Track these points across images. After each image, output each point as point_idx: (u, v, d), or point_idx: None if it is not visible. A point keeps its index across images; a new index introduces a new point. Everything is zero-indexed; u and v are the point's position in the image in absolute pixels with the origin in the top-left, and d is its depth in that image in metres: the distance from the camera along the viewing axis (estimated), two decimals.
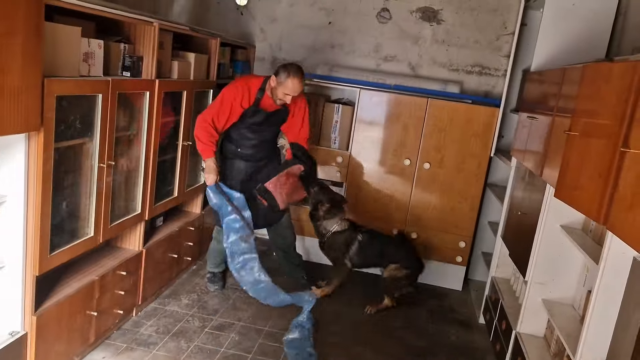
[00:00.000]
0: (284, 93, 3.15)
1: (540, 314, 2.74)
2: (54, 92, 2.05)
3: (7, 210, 2.09)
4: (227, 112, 3.16)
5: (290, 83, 3.13)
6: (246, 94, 3.19)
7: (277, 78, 3.15)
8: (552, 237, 2.65)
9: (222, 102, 3.16)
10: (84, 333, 2.57)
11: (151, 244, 3.14)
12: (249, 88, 3.21)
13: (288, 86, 3.14)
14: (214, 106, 3.18)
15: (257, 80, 3.27)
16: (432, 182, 4.05)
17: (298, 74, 3.15)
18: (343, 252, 3.57)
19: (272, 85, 3.19)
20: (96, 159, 2.46)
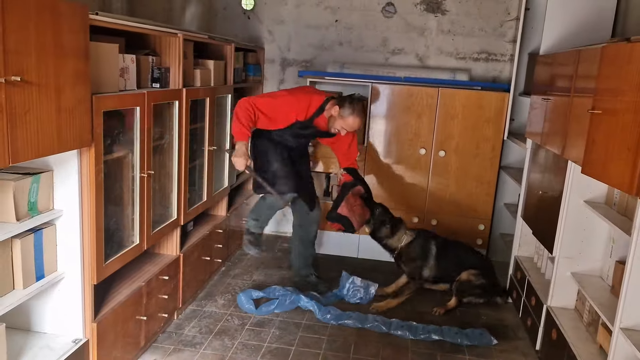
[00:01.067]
0: (342, 127, 3.23)
1: (569, 287, 2.85)
2: (102, 108, 2.14)
3: (63, 224, 2.18)
4: (276, 117, 3.20)
5: (351, 121, 3.21)
6: (304, 110, 3.22)
7: (341, 111, 3.20)
8: (577, 212, 2.76)
9: (275, 107, 3.19)
10: (136, 337, 2.67)
11: (187, 249, 3.24)
12: (309, 105, 3.24)
13: (349, 123, 3.22)
14: (266, 102, 3.18)
15: (319, 98, 3.29)
16: (448, 169, 4.16)
17: (361, 114, 3.23)
18: (422, 263, 3.54)
19: (333, 114, 3.24)
20: (137, 169, 2.55)
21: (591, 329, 2.62)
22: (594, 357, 2.41)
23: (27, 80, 1.69)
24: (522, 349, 3.13)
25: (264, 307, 3.33)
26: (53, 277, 2.18)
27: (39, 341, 2.23)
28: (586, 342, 2.55)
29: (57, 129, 1.87)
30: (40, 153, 1.80)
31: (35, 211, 2.06)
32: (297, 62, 4.57)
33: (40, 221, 2.06)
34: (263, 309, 3.31)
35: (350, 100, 3.24)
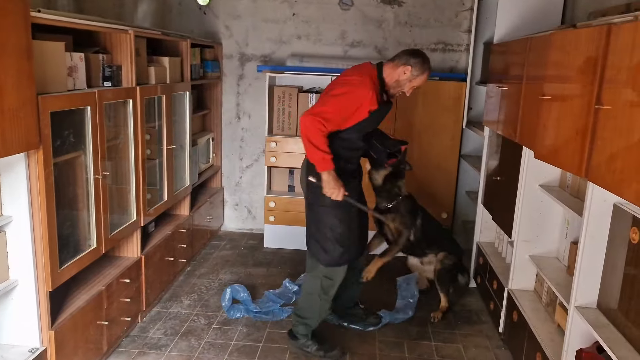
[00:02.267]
0: (412, 87, 2.72)
1: (528, 269, 2.93)
2: (48, 108, 2.07)
3: (14, 230, 2.10)
4: (348, 117, 2.59)
5: (425, 78, 2.70)
6: (375, 93, 2.58)
7: (413, 70, 2.64)
8: (533, 196, 2.83)
9: (342, 105, 2.57)
10: (98, 343, 2.61)
11: (148, 250, 3.17)
12: (375, 85, 2.62)
13: (422, 79, 2.71)
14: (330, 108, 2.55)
15: (374, 73, 2.69)
16: (409, 159, 4.18)
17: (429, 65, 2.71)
18: (411, 222, 3.28)
19: (402, 77, 2.68)
20: (91, 171, 2.48)
21: (549, 309, 2.69)
22: (553, 336, 2.48)
23: None
24: (485, 332, 3.20)
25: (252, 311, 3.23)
26: (5, 286, 2.10)
27: None
28: (545, 322, 2.62)
29: (0, 132, 1.80)
30: None
31: None
32: (255, 57, 4.53)
33: None
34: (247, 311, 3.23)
35: (418, 55, 2.68)
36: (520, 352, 2.70)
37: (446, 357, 2.91)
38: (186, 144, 3.79)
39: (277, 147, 4.23)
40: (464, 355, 2.93)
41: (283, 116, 4.25)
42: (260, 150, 4.66)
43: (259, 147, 4.66)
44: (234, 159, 4.74)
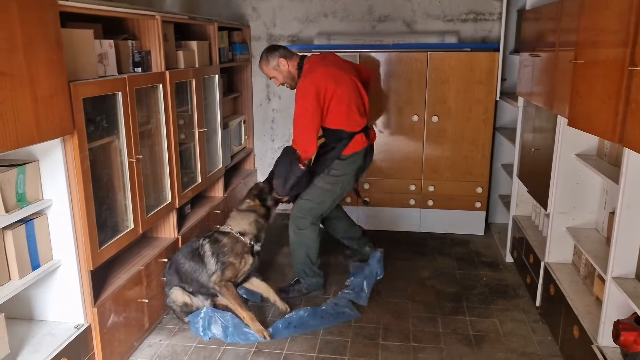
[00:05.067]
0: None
1: (565, 242, 2.85)
2: (80, 95, 2.14)
3: (55, 213, 2.20)
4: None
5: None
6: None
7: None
8: (569, 166, 2.74)
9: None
10: (139, 320, 2.72)
11: (185, 231, 3.26)
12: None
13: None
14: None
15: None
16: (443, 134, 4.13)
17: (264, 61, 3.14)
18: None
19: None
20: (125, 154, 2.56)
21: (587, 282, 2.63)
22: (591, 309, 2.43)
23: None
24: (522, 306, 3.15)
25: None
26: (49, 266, 2.21)
27: (41, 329, 2.28)
28: (583, 295, 2.56)
29: (35, 119, 1.88)
30: (19, 144, 1.81)
31: (24, 202, 2.08)
32: (283, 37, 4.53)
33: (30, 212, 2.08)
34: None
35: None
36: (558, 325, 2.65)
37: (482, 331, 2.89)
38: (218, 127, 3.85)
39: None
40: (500, 330, 2.91)
41: None
42: (291, 130, 4.67)
43: (290, 127, 4.67)
44: (266, 141, 4.79)
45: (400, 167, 4.24)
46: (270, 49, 3.13)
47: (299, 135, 3.02)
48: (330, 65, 3.08)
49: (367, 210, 4.36)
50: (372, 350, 2.73)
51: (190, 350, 2.74)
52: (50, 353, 2.11)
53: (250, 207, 3.08)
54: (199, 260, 2.89)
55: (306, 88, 2.96)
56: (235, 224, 3.01)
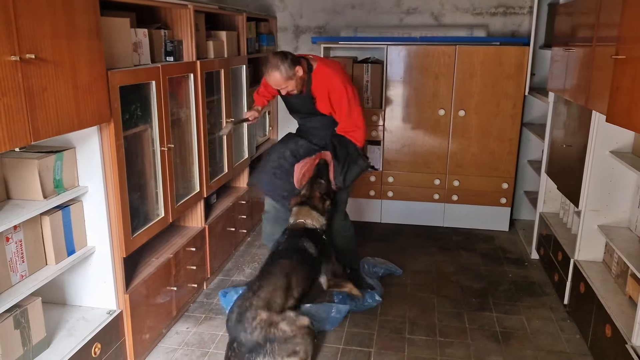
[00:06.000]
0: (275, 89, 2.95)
1: (596, 240, 2.81)
2: (117, 83, 2.16)
3: (89, 200, 2.23)
4: (266, 88, 3.20)
5: (267, 78, 2.86)
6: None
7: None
8: (602, 163, 2.70)
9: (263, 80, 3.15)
10: (168, 307, 2.75)
11: (211, 220, 3.28)
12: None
13: (268, 82, 2.91)
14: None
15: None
16: (469, 129, 4.09)
17: (270, 68, 2.79)
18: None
19: None
20: (157, 143, 2.58)
21: (620, 281, 2.59)
22: (624, 308, 2.39)
23: (42, 58, 1.71)
24: (549, 304, 3.12)
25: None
26: (84, 252, 2.24)
27: (75, 314, 2.31)
28: (615, 294, 2.52)
29: (75, 106, 1.90)
30: (60, 130, 1.83)
31: (61, 188, 2.11)
32: (309, 28, 4.51)
33: (66, 198, 2.11)
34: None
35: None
36: (588, 324, 2.62)
37: (509, 328, 2.87)
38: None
39: None
40: (527, 327, 2.88)
41: None
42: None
43: None
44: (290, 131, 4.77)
45: (425, 161, 4.21)
46: (282, 58, 2.78)
47: (358, 126, 2.95)
48: (334, 60, 3.13)
49: (390, 203, 4.34)
50: (399, 343, 2.73)
51: (217, 339, 2.76)
52: (84, 338, 2.14)
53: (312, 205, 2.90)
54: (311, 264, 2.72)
55: (342, 74, 2.95)
56: (316, 221, 2.87)
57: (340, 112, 2.96)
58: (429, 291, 3.28)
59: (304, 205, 2.89)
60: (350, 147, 2.97)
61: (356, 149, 2.97)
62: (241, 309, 2.35)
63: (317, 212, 2.88)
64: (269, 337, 2.29)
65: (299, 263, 2.61)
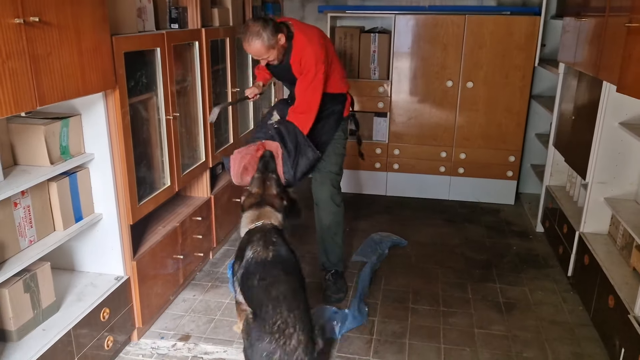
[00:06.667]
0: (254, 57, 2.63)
1: (602, 212, 2.81)
2: (122, 49, 2.13)
3: (96, 167, 2.23)
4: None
5: (247, 47, 2.54)
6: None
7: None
8: (611, 135, 2.67)
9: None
10: (175, 275, 2.78)
11: (217, 191, 3.29)
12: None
13: (247, 50, 2.58)
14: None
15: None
16: (477, 100, 4.05)
17: (250, 36, 2.47)
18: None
19: None
20: (162, 111, 2.57)
21: (624, 253, 2.59)
22: (627, 279, 2.40)
23: (46, 22, 1.69)
24: (553, 276, 3.14)
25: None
26: (91, 219, 2.25)
27: (83, 280, 2.34)
28: (619, 266, 2.53)
29: (80, 72, 1.88)
30: (65, 95, 1.82)
31: (67, 155, 2.11)
32: None
33: (73, 164, 2.12)
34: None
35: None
36: (591, 295, 2.63)
37: (511, 299, 2.89)
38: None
39: None
40: (530, 298, 2.90)
41: (344, 58, 4.17)
42: None
43: None
44: None
45: (432, 134, 4.19)
46: (263, 25, 2.48)
47: (311, 109, 2.60)
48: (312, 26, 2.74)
49: (396, 176, 4.33)
50: (402, 312, 2.76)
51: (223, 306, 2.80)
52: (93, 302, 2.17)
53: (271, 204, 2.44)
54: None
55: (318, 53, 2.55)
56: (279, 223, 2.40)
57: (299, 86, 2.62)
58: (433, 262, 3.29)
59: (264, 205, 2.41)
60: (298, 136, 2.59)
61: (304, 137, 2.59)
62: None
63: (276, 212, 2.40)
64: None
65: (298, 273, 2.23)
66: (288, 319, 1.97)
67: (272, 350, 1.92)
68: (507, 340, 2.54)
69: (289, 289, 2.05)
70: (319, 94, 2.60)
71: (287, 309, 1.98)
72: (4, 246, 1.85)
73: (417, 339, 2.54)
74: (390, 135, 4.24)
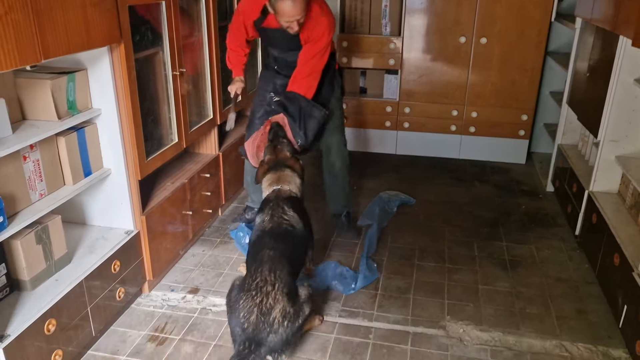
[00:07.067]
0: (283, 21, 2.46)
1: (613, 171, 2.77)
2: (126, 2, 2.11)
3: (104, 122, 2.25)
4: (238, 29, 2.76)
5: (281, 7, 2.39)
6: (252, 10, 2.66)
7: (269, 3, 2.46)
8: (625, 92, 2.61)
9: (232, 19, 2.81)
10: (184, 231, 2.83)
11: (225, 148, 3.31)
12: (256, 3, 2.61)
13: (283, 11, 2.41)
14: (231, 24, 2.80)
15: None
16: (490, 57, 3.96)
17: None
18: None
19: (270, 11, 2.53)
20: (169, 67, 2.55)
21: (633, 212, 2.57)
22: (634, 238, 2.39)
23: None
24: (560, 235, 3.14)
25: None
26: (100, 174, 2.28)
27: (94, 233, 2.40)
28: (627, 225, 2.51)
29: (84, 25, 1.87)
30: (70, 49, 1.82)
31: (75, 110, 2.12)
32: None
33: (80, 119, 2.13)
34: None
35: None
36: (597, 253, 2.64)
37: (517, 256, 2.91)
38: (258, 46, 3.78)
39: (347, 46, 4.12)
40: (536, 256, 2.91)
41: (355, 12, 4.09)
42: None
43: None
44: None
45: (443, 92, 4.12)
46: None
47: (316, 74, 2.64)
48: None
49: (406, 135, 4.30)
50: (407, 269, 2.79)
51: (231, 262, 2.86)
52: (104, 255, 2.23)
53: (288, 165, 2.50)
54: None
55: (332, 25, 2.60)
56: (296, 187, 2.46)
57: (306, 53, 2.59)
58: (441, 220, 3.31)
59: (281, 168, 2.45)
60: (300, 101, 2.61)
61: (306, 100, 2.62)
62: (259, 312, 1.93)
63: (296, 176, 2.47)
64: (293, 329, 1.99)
65: (293, 245, 2.24)
66: (268, 277, 1.99)
67: (250, 310, 1.94)
68: (510, 296, 2.57)
69: (276, 254, 2.07)
70: (324, 61, 2.67)
71: (268, 269, 2.01)
72: (15, 199, 1.89)
73: (421, 294, 2.58)
74: (401, 93, 4.18)
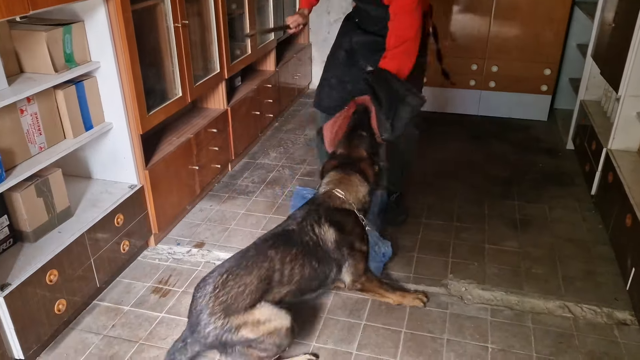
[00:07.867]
0: None
1: (634, 128, 2.64)
2: None
3: (103, 75, 2.23)
4: None
5: None
6: None
7: None
8: None
9: None
10: (191, 185, 2.84)
11: (234, 103, 3.27)
12: None
13: None
14: None
15: None
16: (514, 8, 3.76)
17: None
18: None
19: None
20: (170, 19, 2.50)
21: None
22: None
23: None
24: (576, 194, 3.03)
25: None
26: (101, 127, 2.29)
27: (99, 187, 2.43)
28: None
29: None
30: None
31: (72, 63, 2.11)
32: None
33: (78, 72, 2.11)
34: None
35: None
36: (610, 214, 2.54)
37: (528, 216, 2.83)
38: None
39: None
40: (548, 216, 2.83)
41: None
42: (348, 1, 4.40)
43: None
44: (321, 13, 4.54)
45: (462, 45, 3.95)
46: None
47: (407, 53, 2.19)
48: None
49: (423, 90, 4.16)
50: (414, 227, 2.76)
51: (238, 217, 2.87)
52: (107, 208, 2.26)
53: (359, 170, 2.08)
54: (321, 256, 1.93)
55: None
56: (356, 198, 2.05)
57: (397, 7, 2.15)
58: (453, 179, 3.23)
59: (350, 170, 2.08)
60: (393, 82, 2.13)
61: (400, 82, 2.14)
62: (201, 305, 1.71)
63: (364, 182, 2.07)
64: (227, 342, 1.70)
65: (304, 255, 1.87)
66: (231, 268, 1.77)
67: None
68: (517, 256, 2.52)
69: (263, 249, 1.84)
70: (416, 25, 2.17)
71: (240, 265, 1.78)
72: (13, 152, 1.91)
73: (425, 252, 2.55)
74: None
